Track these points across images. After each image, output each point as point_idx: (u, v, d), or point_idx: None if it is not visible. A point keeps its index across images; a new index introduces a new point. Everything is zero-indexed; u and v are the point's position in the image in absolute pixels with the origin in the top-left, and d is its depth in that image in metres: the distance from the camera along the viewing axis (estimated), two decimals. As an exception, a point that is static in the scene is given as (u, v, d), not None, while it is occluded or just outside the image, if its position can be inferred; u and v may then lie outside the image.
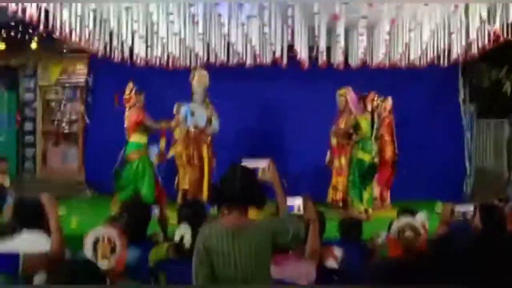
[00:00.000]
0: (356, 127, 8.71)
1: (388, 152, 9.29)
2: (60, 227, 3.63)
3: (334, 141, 9.50)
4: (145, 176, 8.05)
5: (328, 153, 9.55)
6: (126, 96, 8.33)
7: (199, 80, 9.06)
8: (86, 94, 11.80)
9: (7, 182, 8.66)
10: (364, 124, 8.74)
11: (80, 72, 12.55)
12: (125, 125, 8.38)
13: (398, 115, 9.58)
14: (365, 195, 8.77)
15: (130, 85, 8.38)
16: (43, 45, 11.74)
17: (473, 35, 7.75)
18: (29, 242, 3.63)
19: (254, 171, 3.19)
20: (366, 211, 8.67)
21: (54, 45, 11.77)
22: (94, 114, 11.58)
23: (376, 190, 9.44)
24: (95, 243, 3.64)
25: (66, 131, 13.28)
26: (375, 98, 9.02)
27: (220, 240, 3.00)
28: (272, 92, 10.49)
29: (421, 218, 4.65)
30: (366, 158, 8.75)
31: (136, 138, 8.26)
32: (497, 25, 7.51)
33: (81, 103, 12.64)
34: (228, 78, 9.77)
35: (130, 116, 8.28)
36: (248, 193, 3.06)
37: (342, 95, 9.15)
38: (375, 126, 8.88)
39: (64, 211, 7.62)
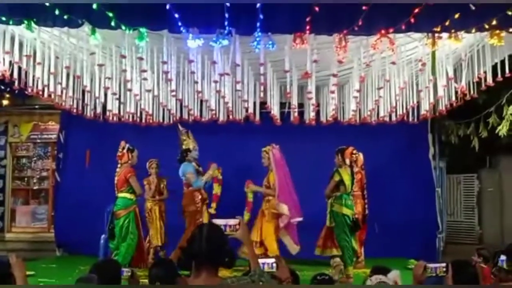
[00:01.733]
0: (340, 182, 8.52)
1: (359, 208, 9.25)
2: (27, 288, 3.53)
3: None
4: (128, 234, 8.04)
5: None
6: (119, 153, 8.52)
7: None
8: (57, 150, 11.67)
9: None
10: (347, 178, 8.50)
11: (51, 128, 12.48)
12: (115, 181, 8.51)
13: (368, 170, 9.64)
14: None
15: (123, 143, 8.59)
16: (14, 101, 11.70)
17: (440, 92, 7.95)
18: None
19: (221, 230, 3.16)
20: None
21: (25, 102, 11.75)
22: (65, 171, 11.43)
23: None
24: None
25: (36, 187, 13.09)
26: (354, 152, 8.99)
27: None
28: (245, 147, 10.50)
29: (393, 275, 4.61)
30: (350, 213, 8.47)
31: (123, 194, 8.38)
32: (463, 82, 7.74)
33: (52, 160, 12.52)
34: (201, 133, 9.79)
35: (121, 172, 8.43)
36: (217, 252, 3.02)
37: (266, 152, 9.03)
38: (354, 180, 8.80)
39: (32, 271, 7.48)
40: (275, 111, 8.67)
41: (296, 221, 8.84)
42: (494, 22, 6.24)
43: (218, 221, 3.28)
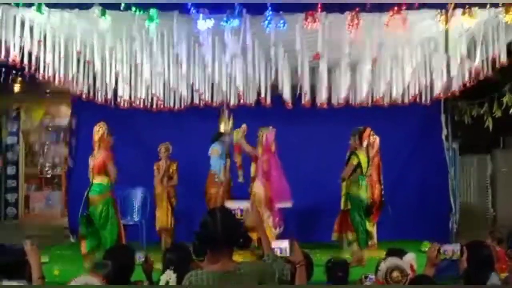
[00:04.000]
0: (358, 164, 8.42)
1: (376, 192, 9.20)
2: (43, 276, 3.54)
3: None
4: (108, 220, 7.82)
5: None
6: (98, 136, 8.03)
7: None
8: (69, 136, 11.69)
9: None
10: (364, 161, 8.43)
11: (63, 115, 12.51)
12: (90, 166, 8.08)
13: (381, 152, 9.57)
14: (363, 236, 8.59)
15: (102, 124, 8.11)
16: (25, 88, 11.72)
17: (453, 72, 7.85)
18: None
19: (232, 212, 3.14)
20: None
21: (37, 88, 11.76)
22: (78, 157, 11.46)
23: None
24: (77, 292, 3.53)
25: (49, 174, 13.17)
26: (372, 133, 8.94)
27: (206, 285, 2.93)
28: (257, 131, 10.46)
29: (408, 258, 4.59)
30: (364, 196, 8.45)
31: (100, 180, 7.96)
32: (477, 61, 7.63)
33: (64, 146, 12.56)
34: (213, 118, 9.78)
35: (99, 156, 7.99)
36: (230, 235, 3.00)
37: (262, 132, 8.99)
38: (370, 163, 8.78)
39: (46, 258, 7.48)
40: (286, 94, 8.60)
41: (283, 205, 8.81)
42: (509, -1, 6.15)
43: (230, 205, 3.26)
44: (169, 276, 4.02)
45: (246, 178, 9.24)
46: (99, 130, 8.02)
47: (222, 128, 9.13)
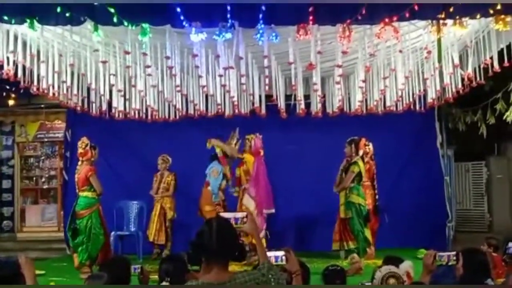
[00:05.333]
0: (359, 173, 8.66)
1: (369, 198, 9.24)
2: None
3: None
4: (93, 233, 7.88)
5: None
6: (81, 151, 8.09)
7: None
8: (64, 149, 11.68)
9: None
10: (363, 169, 8.74)
11: (58, 127, 12.51)
12: (75, 179, 8.17)
13: (376, 160, 9.59)
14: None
15: (85, 139, 8.17)
16: (20, 101, 11.71)
17: (446, 79, 7.89)
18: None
19: (230, 223, 3.14)
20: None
21: (31, 101, 11.77)
22: (73, 170, 11.43)
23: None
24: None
25: (45, 187, 13.14)
26: (366, 143, 9.05)
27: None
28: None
29: (405, 266, 4.60)
30: (363, 203, 8.71)
31: (85, 194, 8.01)
32: (470, 69, 7.68)
33: (60, 158, 12.54)
34: (207, 128, 9.79)
35: (81, 170, 8.06)
36: (226, 246, 3.00)
37: (249, 140, 9.01)
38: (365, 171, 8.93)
39: (42, 270, 7.50)
40: (281, 103, 8.63)
41: (267, 212, 8.83)
42: (498, 7, 6.18)
43: (226, 215, 3.26)
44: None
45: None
46: (81, 145, 8.09)
47: (229, 150, 9.09)
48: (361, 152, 8.87)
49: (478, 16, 6.41)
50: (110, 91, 8.42)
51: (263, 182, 8.82)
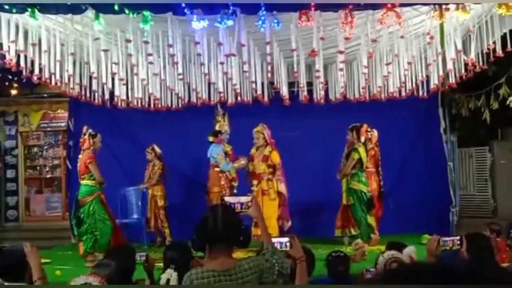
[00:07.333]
0: (359, 159, 8.63)
1: (374, 185, 9.23)
2: (44, 276, 3.55)
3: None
4: (98, 221, 7.90)
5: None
6: (81, 139, 8.18)
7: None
8: (67, 138, 11.69)
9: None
10: (364, 156, 8.68)
11: (61, 117, 12.51)
12: (78, 167, 8.20)
13: (380, 147, 9.58)
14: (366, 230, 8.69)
15: (85, 128, 8.19)
16: (22, 91, 11.71)
17: (449, 65, 7.86)
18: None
19: (234, 209, 3.15)
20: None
21: (34, 91, 11.77)
22: (76, 159, 11.46)
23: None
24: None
25: (49, 176, 13.18)
26: (368, 129, 9.02)
27: (207, 283, 2.93)
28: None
29: (408, 251, 4.62)
30: (365, 189, 8.70)
31: (86, 181, 8.04)
32: (472, 55, 7.64)
33: (63, 147, 12.56)
34: (210, 116, 9.77)
35: (81, 159, 8.10)
36: (231, 232, 3.00)
37: (260, 132, 8.98)
38: (368, 157, 8.90)
39: (48, 259, 7.54)
40: (283, 91, 8.61)
41: None
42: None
43: (230, 199, 3.27)
44: (170, 274, 4.03)
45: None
46: (82, 133, 8.14)
47: (218, 126, 9.09)
48: (363, 139, 8.83)
49: (480, 1, 6.37)
50: (112, 80, 8.40)
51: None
